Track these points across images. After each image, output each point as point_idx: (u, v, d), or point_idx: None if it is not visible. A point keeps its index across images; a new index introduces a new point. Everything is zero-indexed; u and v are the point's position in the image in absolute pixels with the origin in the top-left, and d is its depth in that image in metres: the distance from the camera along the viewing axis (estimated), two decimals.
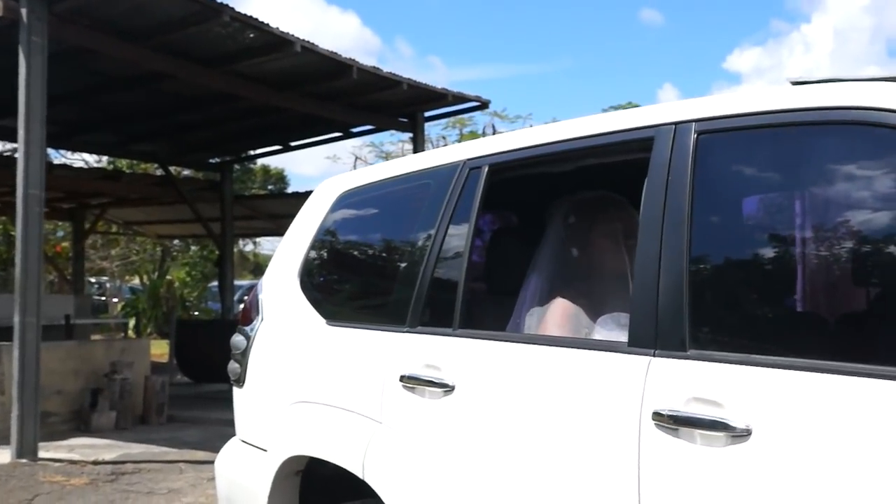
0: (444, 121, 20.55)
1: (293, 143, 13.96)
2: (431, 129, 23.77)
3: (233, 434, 3.74)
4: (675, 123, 2.35)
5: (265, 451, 3.41)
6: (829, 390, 1.84)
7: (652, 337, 2.21)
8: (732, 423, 1.95)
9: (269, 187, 33.91)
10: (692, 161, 2.26)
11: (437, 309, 2.94)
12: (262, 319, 3.65)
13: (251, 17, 8.50)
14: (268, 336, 3.60)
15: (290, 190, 30.55)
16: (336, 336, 3.29)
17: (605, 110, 25.19)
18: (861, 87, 2.03)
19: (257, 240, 32.88)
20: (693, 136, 2.28)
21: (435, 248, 2.98)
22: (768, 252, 2.22)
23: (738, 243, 2.26)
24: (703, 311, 2.17)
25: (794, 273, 2.18)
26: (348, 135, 13.53)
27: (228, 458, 3.69)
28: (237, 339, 3.72)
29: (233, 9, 8.21)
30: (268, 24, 8.71)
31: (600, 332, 2.86)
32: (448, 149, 3.29)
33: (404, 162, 3.47)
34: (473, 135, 24.74)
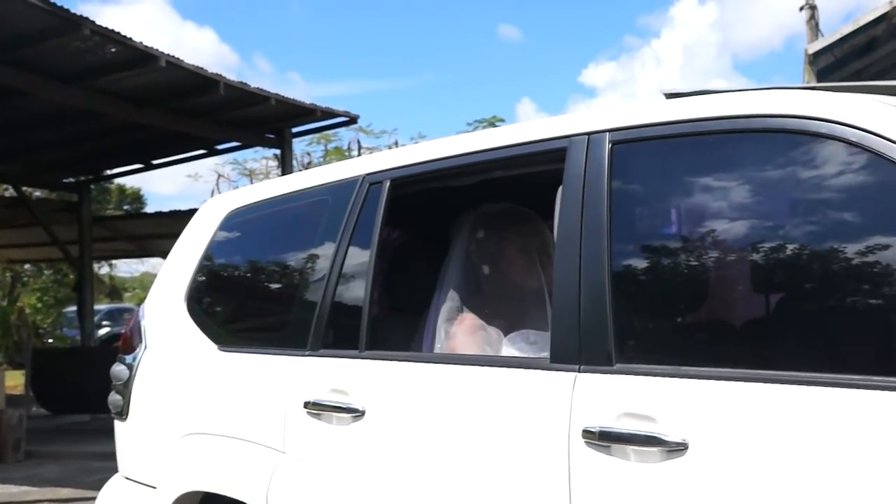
0: (308, 137, 20.34)
1: (156, 162, 13.46)
2: (296, 146, 23.43)
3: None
4: (588, 133, 2.31)
5: (154, 487, 3.19)
6: (763, 400, 1.82)
7: (576, 352, 2.15)
8: (667, 438, 1.91)
9: (126, 207, 32.77)
10: (608, 171, 2.22)
11: (341, 330, 2.81)
12: (145, 347, 3.43)
13: (113, 30, 8.13)
14: (153, 365, 3.38)
15: (147, 209, 29.62)
16: (229, 362, 3.11)
17: (470, 124, 25.44)
18: (780, 95, 2.03)
19: (113, 262, 31.67)
20: (608, 145, 2.25)
21: (336, 267, 2.86)
22: (691, 261, 2.19)
23: (660, 253, 2.22)
24: (627, 324, 2.13)
25: (718, 282, 2.16)
26: (214, 152, 13.18)
27: (111, 497, 3.44)
28: (118, 370, 3.49)
29: (93, 22, 7.82)
30: (131, 38, 8.36)
31: (508, 350, 2.80)
32: (345, 163, 3.18)
33: (297, 178, 3.33)
34: (339, 150, 24.53)
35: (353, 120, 12.47)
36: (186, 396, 3.21)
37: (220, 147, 12.96)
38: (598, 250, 2.16)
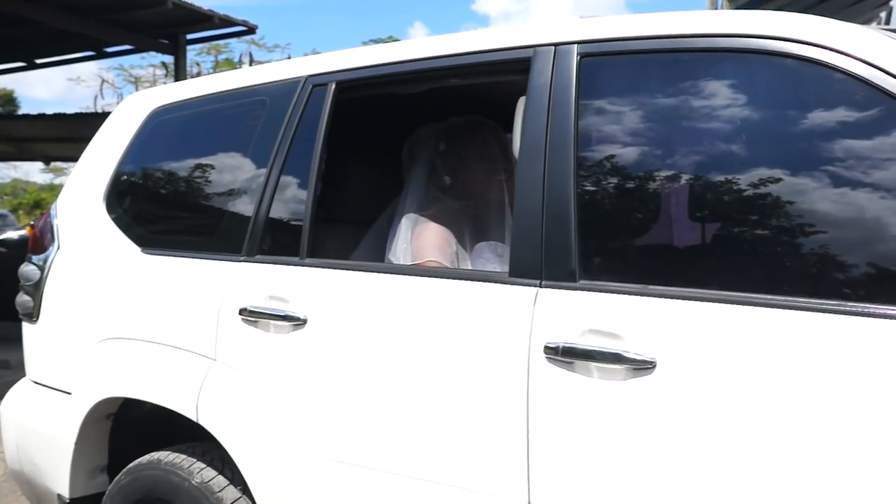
0: (198, 46, 19.65)
1: (40, 61, 12.77)
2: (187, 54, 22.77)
3: None
4: (555, 44, 2.26)
5: (69, 393, 3.05)
6: (740, 322, 1.83)
7: (537, 267, 2.12)
8: (632, 356, 1.91)
9: None
10: (576, 84, 2.18)
11: (279, 237, 2.71)
12: (58, 247, 3.25)
13: None
14: (67, 266, 3.20)
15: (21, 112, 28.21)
16: (154, 265, 2.97)
17: (365, 43, 25.05)
18: (770, 16, 2.01)
19: None
20: (576, 57, 2.20)
21: (275, 172, 2.74)
22: (661, 181, 2.16)
23: (629, 172, 2.18)
24: (593, 240, 2.10)
25: (678, 203, 2.15)
26: (103, 55, 12.60)
27: (19, 402, 3.28)
28: (28, 270, 3.30)
29: None
30: None
31: (476, 262, 2.77)
32: (286, 63, 3.03)
33: (231, 77, 3.16)
34: (229, 62, 23.92)
35: (251, 30, 12.09)
36: (105, 299, 3.05)
37: (109, 50, 12.37)
38: (564, 164, 2.13)
